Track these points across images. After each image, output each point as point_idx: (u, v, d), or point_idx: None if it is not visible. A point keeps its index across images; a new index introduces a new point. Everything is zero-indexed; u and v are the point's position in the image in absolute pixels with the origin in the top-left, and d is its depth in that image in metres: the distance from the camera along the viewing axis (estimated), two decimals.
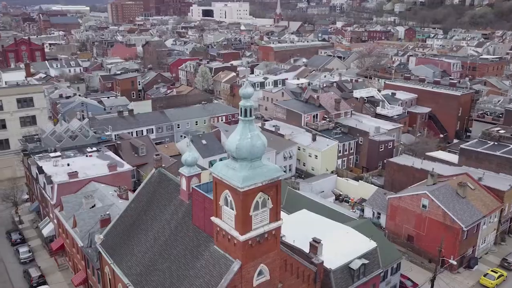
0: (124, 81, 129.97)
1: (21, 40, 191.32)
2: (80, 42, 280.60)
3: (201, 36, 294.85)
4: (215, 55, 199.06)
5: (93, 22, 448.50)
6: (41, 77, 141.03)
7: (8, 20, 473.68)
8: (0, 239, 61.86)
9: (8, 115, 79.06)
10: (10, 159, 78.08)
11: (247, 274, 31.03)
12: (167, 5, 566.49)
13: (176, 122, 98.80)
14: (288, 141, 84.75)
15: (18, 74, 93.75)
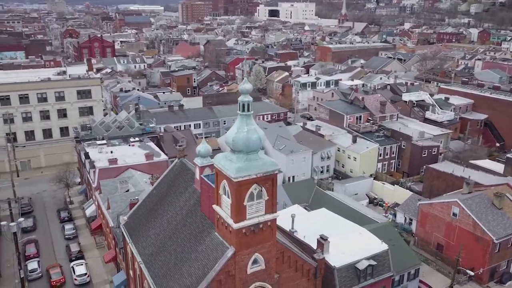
0: (180, 78, 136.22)
1: (94, 38, 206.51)
2: (150, 40, 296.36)
3: (263, 36, 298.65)
4: (273, 55, 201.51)
5: (164, 21, 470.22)
6: (107, 72, 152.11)
7: (89, 19, 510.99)
8: (51, 216, 68.65)
9: (69, 105, 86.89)
10: (69, 145, 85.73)
11: (241, 261, 32.63)
12: (235, 5, 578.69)
13: (223, 119, 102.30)
14: (327, 141, 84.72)
15: (80, 68, 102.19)
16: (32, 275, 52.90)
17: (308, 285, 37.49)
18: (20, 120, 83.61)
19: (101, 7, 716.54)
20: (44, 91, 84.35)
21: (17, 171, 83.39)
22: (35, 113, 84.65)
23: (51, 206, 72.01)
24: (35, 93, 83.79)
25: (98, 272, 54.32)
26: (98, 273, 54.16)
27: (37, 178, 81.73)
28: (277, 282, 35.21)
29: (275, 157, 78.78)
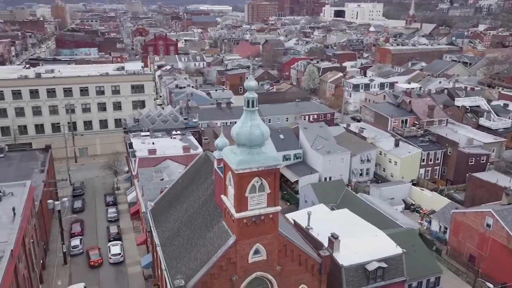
0: (233, 77, 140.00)
1: (159, 36, 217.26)
2: (213, 39, 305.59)
3: (325, 36, 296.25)
4: (331, 55, 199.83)
5: (230, 21, 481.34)
6: (166, 69, 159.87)
7: (160, 18, 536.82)
8: (99, 200, 74.59)
9: (124, 98, 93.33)
10: (121, 136, 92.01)
11: (242, 250, 34.29)
12: (301, 6, 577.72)
13: (268, 117, 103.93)
14: (369, 144, 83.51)
15: (136, 64, 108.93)
16: (74, 251, 58.26)
17: (312, 280, 38.27)
18: (80, 110, 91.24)
19: (173, 7, 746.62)
20: (102, 84, 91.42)
21: (75, 157, 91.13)
22: (93, 105, 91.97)
23: (100, 190, 78.12)
24: (94, 87, 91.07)
25: (131, 254, 58.53)
26: (132, 255, 58.35)
27: (91, 165, 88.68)
28: (279, 274, 36.42)
29: (313, 157, 79.50)
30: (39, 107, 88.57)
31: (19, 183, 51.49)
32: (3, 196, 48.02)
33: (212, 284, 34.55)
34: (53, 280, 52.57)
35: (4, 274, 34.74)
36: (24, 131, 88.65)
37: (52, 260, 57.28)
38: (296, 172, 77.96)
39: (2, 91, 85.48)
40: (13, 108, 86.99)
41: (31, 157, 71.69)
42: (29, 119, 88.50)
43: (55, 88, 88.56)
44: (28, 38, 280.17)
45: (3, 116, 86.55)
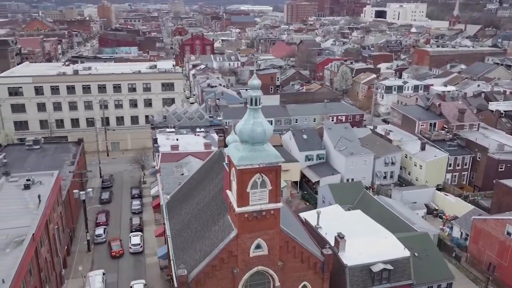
0: (264, 76, 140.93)
1: (196, 36, 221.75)
2: (250, 39, 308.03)
3: (363, 37, 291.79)
4: (366, 57, 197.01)
5: (269, 21, 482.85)
6: (200, 68, 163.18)
7: (200, 18, 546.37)
8: (126, 192, 77.76)
9: (154, 95, 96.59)
10: (150, 132, 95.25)
11: (243, 243, 35.32)
12: (341, 6, 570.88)
13: (295, 117, 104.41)
14: (394, 147, 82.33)
15: (167, 63, 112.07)
16: (97, 239, 61.28)
17: (315, 278, 38.78)
18: (113, 106, 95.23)
19: (214, 7, 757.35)
20: (134, 82, 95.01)
21: (107, 151, 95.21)
22: (126, 101, 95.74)
23: (127, 183, 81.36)
24: (127, 84, 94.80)
25: (150, 245, 60.85)
26: (151, 246, 60.67)
27: (122, 159, 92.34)
28: (280, 270, 37.18)
29: (336, 158, 79.31)
30: (75, 102, 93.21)
31: (48, 173, 54.88)
32: (32, 184, 51.41)
33: (214, 275, 35.82)
34: (76, 265, 55.55)
35: (24, 255, 37.49)
36: (61, 124, 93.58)
37: (77, 247, 60.52)
38: (317, 173, 78.02)
39: (41, 86, 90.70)
40: (51, 102, 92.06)
41: (64, 149, 75.80)
42: (65, 113, 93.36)
43: (90, 84, 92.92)
44: (74, 37, 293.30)
45: (42, 110, 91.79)
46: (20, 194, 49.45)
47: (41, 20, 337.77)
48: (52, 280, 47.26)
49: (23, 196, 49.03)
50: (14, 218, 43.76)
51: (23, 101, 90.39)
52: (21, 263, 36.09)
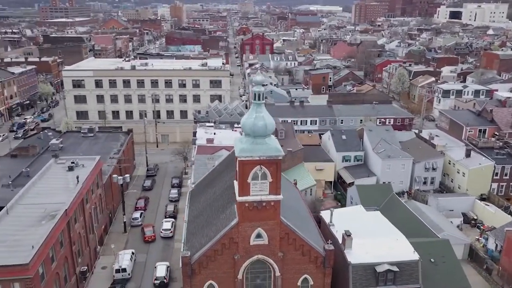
0: (316, 76, 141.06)
1: (256, 35, 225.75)
2: (313, 39, 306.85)
3: (431, 39, 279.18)
4: (430, 59, 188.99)
5: (335, 21, 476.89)
6: (255, 67, 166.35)
7: (267, 18, 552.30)
8: (167, 182, 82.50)
9: (202, 92, 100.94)
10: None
11: (243, 231, 37.19)
12: (414, 6, 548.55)
13: (340, 118, 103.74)
14: (437, 152, 79.43)
15: (217, 61, 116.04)
16: (134, 222, 66.09)
17: (316, 272, 39.68)
18: (164, 101, 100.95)
19: (283, 7, 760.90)
20: (184, 78, 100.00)
21: (157, 143, 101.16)
22: (176, 96, 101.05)
23: (170, 173, 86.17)
24: (177, 80, 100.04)
25: (181, 231, 64.33)
26: (181, 232, 64.12)
27: (169, 150, 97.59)
28: (281, 260, 38.56)
29: (373, 160, 78.32)
30: (130, 95, 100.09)
31: (90, 158, 60.33)
32: (75, 167, 56.92)
33: (215, 259, 38.05)
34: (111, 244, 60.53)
35: (55, 227, 42.20)
36: (116, 115, 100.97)
37: (115, 228, 65.74)
38: (353, 174, 77.54)
39: (101, 80, 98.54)
40: (109, 95, 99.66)
41: (115, 138, 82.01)
42: (121, 105, 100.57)
43: (144, 79, 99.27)
44: (145, 35, 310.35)
45: (101, 102, 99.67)
46: (64, 175, 55.02)
47: (116, 19, 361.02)
48: (85, 254, 52.18)
49: (66, 176, 54.51)
50: (54, 195, 49.02)
51: (84, 93, 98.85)
52: (50, 234, 40.72)
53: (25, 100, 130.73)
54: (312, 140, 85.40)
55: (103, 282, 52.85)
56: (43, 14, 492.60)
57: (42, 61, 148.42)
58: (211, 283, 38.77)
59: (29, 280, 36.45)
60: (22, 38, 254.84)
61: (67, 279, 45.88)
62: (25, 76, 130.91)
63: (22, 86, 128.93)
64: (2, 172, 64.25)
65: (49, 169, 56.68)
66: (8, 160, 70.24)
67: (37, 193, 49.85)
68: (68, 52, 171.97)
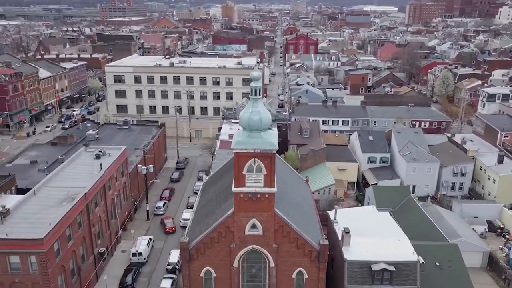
0: (355, 77, 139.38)
1: (301, 35, 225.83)
2: (361, 40, 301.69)
3: (487, 41, 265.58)
4: (481, 61, 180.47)
5: (388, 22, 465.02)
6: (295, 66, 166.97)
7: (318, 18, 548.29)
8: (194, 175, 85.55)
9: (235, 89, 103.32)
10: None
11: (239, 221, 38.70)
12: (473, 7, 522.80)
13: (373, 119, 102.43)
14: (467, 157, 76.69)
15: (252, 59, 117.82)
16: (157, 211, 69.50)
17: (311, 266, 40.47)
18: (199, 97, 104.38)
19: (336, 7, 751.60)
20: (218, 76, 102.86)
21: (190, 138, 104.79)
22: (210, 93, 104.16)
23: (199, 167, 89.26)
24: (211, 77, 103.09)
25: None
26: None
27: (201, 145, 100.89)
28: (275, 252, 39.71)
29: (399, 162, 77.08)
30: (166, 91, 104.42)
31: (117, 147, 64.24)
32: (102, 155, 60.91)
33: (212, 246, 39.88)
34: (134, 230, 64.17)
35: (73, 208, 45.85)
36: (153, 110, 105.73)
37: (139, 215, 69.44)
38: (377, 176, 76.69)
39: (140, 75, 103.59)
40: (147, 90, 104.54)
41: (147, 131, 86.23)
42: (158, 100, 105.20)
43: (180, 76, 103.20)
44: (194, 34, 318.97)
45: (139, 96, 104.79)
46: (91, 162, 59.10)
47: (168, 19, 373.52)
48: (105, 237, 55.87)
49: (93, 164, 58.53)
50: (78, 180, 52.96)
51: (124, 88, 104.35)
52: (67, 214, 44.36)
53: (75, 94, 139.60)
54: (339, 140, 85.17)
55: (121, 264, 56.33)
56: (103, 14, 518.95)
57: (92, 57, 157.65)
58: (208, 269, 40.60)
59: (43, 254, 40.06)
60: (80, 36, 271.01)
61: (84, 258, 49.56)
62: (76, 71, 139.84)
63: (72, 80, 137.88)
64: (41, 158, 69.97)
65: (79, 156, 61.06)
66: (49, 148, 76.09)
67: (64, 177, 54.07)
68: (118, 49, 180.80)
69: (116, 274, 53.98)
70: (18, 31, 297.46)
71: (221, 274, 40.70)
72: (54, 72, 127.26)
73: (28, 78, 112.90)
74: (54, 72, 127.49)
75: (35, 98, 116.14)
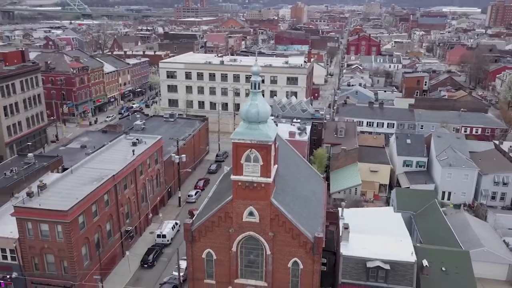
0: (411, 80, 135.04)
1: (363, 37, 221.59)
2: (431, 42, 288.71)
3: None
4: None
5: (465, 24, 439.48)
6: (351, 68, 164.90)
7: (389, 20, 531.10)
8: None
9: (279, 88, 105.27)
10: None
11: (237, 207, 40.97)
12: None
13: (420, 123, 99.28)
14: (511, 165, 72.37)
15: (299, 59, 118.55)
16: (189, 199, 73.66)
17: (306, 257, 41.69)
18: (244, 94, 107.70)
19: (413, 8, 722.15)
20: (263, 74, 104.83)
21: None
22: None
23: None
24: None
25: None
26: None
27: None
28: (271, 240, 41.47)
29: (435, 167, 74.80)
30: (214, 88, 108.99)
31: (153, 137, 69.18)
32: (138, 143, 66.08)
33: (213, 230, 42.54)
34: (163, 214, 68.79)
35: (99, 187, 50.88)
36: (201, 105, 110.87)
37: (172, 202, 74.06)
38: (411, 179, 74.89)
39: (190, 72, 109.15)
40: (196, 86, 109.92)
41: (190, 124, 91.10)
42: (206, 96, 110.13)
43: (227, 74, 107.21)
44: (259, 35, 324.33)
45: (189, 92, 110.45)
46: (127, 148, 64.39)
47: (235, 19, 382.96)
48: (134, 217, 60.77)
49: (128, 150, 63.76)
50: (112, 163, 58.21)
51: (176, 83, 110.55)
52: (93, 192, 49.39)
53: (137, 88, 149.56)
54: (376, 142, 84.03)
55: (146, 243, 60.95)
56: (177, 14, 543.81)
57: (156, 54, 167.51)
58: (210, 251, 43.29)
59: (67, 224, 45.18)
60: (152, 35, 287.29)
61: (111, 234, 54.58)
62: (138, 67, 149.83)
63: (135, 75, 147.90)
64: (91, 143, 77.19)
65: (118, 143, 66.78)
66: (99, 135, 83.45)
67: (100, 160, 59.69)
68: (182, 47, 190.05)
69: (141, 252, 58.57)
70: (98, 30, 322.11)
71: (221, 257, 43.20)
72: (118, 67, 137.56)
73: (94, 71, 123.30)
74: (118, 67, 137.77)
75: (99, 90, 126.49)
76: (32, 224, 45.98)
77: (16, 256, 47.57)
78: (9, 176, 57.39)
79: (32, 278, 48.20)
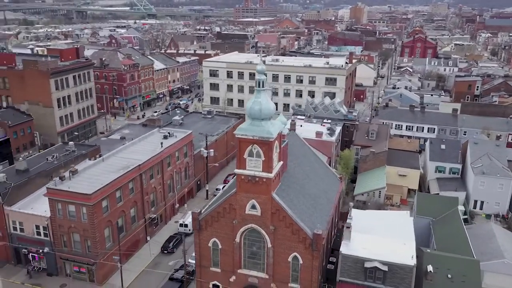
0: (461, 84, 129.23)
1: (418, 38, 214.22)
2: (497, 45, 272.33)
3: None
4: None
5: None
6: (400, 70, 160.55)
7: (455, 21, 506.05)
8: None
9: (317, 88, 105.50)
10: None
11: (240, 200, 42.84)
12: None
13: (463, 128, 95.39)
14: None
15: (340, 60, 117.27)
16: (216, 192, 76.33)
17: (306, 253, 42.78)
18: (282, 94, 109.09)
19: (484, 9, 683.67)
20: (302, 74, 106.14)
21: None
22: (293, 91, 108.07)
23: None
24: (295, 75, 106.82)
25: None
26: None
27: None
28: (272, 233, 42.94)
29: (469, 174, 72.16)
30: (253, 87, 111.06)
31: (184, 131, 72.70)
32: (169, 136, 69.86)
33: (218, 220, 44.76)
34: (191, 206, 72.08)
35: (124, 175, 54.83)
36: (241, 104, 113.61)
37: (201, 194, 77.28)
38: (441, 186, 72.66)
39: (232, 71, 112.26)
40: (237, 85, 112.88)
41: (226, 121, 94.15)
42: (246, 95, 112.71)
43: (267, 73, 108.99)
44: (314, 35, 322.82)
45: (230, 90, 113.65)
46: (158, 141, 68.29)
47: (290, 20, 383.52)
48: (159, 206, 64.48)
49: (159, 142, 67.65)
50: (141, 154, 62.20)
51: (217, 82, 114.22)
52: (117, 179, 53.39)
53: (185, 85, 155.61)
54: (410, 146, 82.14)
55: (169, 231, 64.47)
56: (236, 14, 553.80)
57: (205, 53, 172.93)
58: (215, 241, 45.51)
59: (91, 207, 49.38)
60: (208, 34, 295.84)
61: (135, 219, 58.51)
62: (187, 65, 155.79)
63: (184, 73, 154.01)
64: (130, 135, 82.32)
65: (151, 135, 70.98)
66: (140, 128, 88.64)
67: (131, 151, 63.96)
68: (233, 47, 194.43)
69: (163, 240, 62.12)
70: (159, 29, 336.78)
71: (226, 247, 45.28)
72: (167, 65, 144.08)
73: (144, 68, 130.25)
74: (168, 65, 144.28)
75: (148, 86, 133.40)
76: (62, 204, 50.70)
77: (48, 233, 52.63)
78: (50, 161, 63.16)
79: (61, 254, 53.12)
